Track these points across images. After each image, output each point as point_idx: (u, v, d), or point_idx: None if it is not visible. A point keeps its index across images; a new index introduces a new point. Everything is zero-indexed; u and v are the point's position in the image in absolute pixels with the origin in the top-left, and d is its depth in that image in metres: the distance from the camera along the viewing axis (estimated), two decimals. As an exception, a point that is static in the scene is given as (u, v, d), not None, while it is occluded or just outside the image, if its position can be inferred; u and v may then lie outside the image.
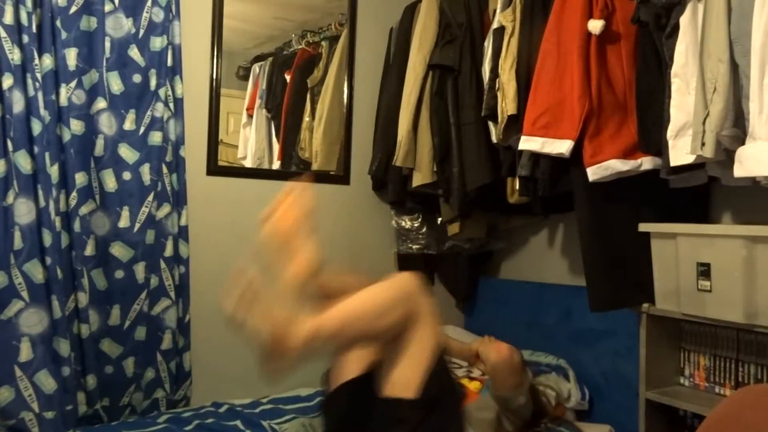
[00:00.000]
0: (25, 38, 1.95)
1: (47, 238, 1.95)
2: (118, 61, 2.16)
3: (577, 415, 2.26)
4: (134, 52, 2.18)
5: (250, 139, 2.66)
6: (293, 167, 2.74)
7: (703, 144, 1.51)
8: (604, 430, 2.13)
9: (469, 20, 2.41)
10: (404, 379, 1.43)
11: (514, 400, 1.96)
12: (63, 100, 2.03)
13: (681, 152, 1.62)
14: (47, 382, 1.94)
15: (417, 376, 1.42)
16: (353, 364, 1.57)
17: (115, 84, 2.15)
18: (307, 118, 2.77)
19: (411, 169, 2.54)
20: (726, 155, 1.57)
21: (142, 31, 2.19)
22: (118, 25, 2.15)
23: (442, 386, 1.46)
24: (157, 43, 2.21)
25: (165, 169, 2.22)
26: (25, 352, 1.92)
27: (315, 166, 2.75)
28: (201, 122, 2.46)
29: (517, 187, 2.18)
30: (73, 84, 2.06)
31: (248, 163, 2.65)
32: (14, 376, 1.91)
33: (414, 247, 2.79)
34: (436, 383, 1.44)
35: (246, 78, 2.66)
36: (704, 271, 1.72)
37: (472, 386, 2.20)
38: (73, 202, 2.04)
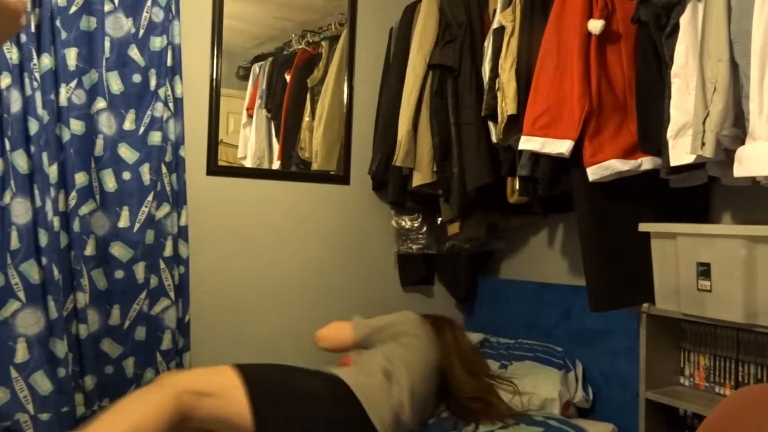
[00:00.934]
0: (23, 38, 1.95)
1: (43, 238, 1.95)
2: (118, 61, 2.15)
3: (579, 414, 2.26)
4: (134, 52, 2.18)
5: (250, 139, 2.66)
6: (293, 167, 2.74)
7: (703, 144, 1.51)
8: (608, 428, 2.13)
9: (469, 20, 2.41)
10: None
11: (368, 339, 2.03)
12: (63, 100, 2.03)
13: (681, 152, 1.62)
14: (43, 383, 1.93)
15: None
16: None
17: (115, 84, 2.15)
18: (307, 118, 2.77)
19: (411, 169, 2.54)
20: (726, 155, 1.56)
21: (141, 31, 2.19)
22: (118, 25, 2.15)
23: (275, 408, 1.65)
24: (156, 43, 2.21)
25: (165, 169, 2.22)
26: (21, 353, 1.92)
27: (315, 166, 2.75)
28: (201, 122, 2.46)
29: (517, 187, 2.17)
30: (73, 84, 2.06)
31: (248, 163, 2.65)
32: (10, 377, 1.90)
33: (414, 247, 2.79)
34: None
35: (246, 78, 2.66)
36: (704, 271, 1.71)
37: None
38: (72, 202, 2.04)
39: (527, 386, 2.20)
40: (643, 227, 1.89)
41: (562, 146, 1.87)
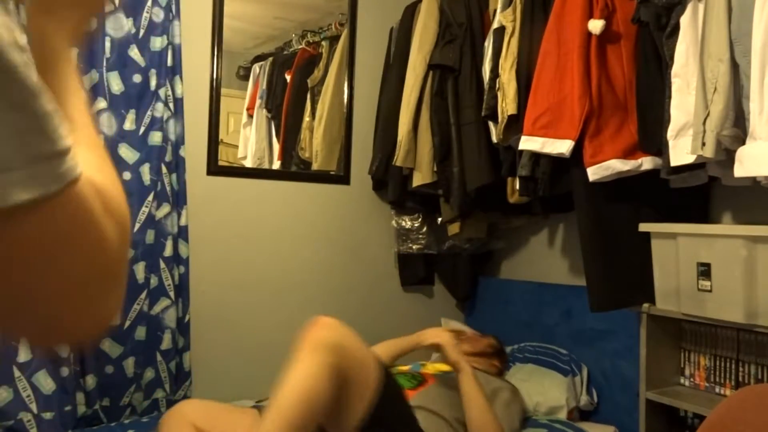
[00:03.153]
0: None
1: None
2: (118, 61, 2.15)
3: (581, 415, 2.26)
4: (134, 52, 2.18)
5: (250, 139, 2.66)
6: (293, 167, 2.74)
7: (703, 144, 1.51)
8: (609, 430, 2.13)
9: (470, 20, 2.41)
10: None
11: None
12: (63, 100, 2.02)
13: (681, 152, 1.62)
14: (46, 382, 1.94)
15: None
16: None
17: (115, 84, 2.15)
18: (307, 118, 2.77)
19: (411, 169, 2.54)
20: (726, 155, 1.56)
21: (142, 31, 2.19)
22: (118, 25, 2.15)
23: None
24: (157, 43, 2.21)
25: (165, 169, 2.22)
26: (24, 353, 1.92)
27: (315, 166, 2.75)
28: (201, 122, 2.46)
29: (517, 187, 2.18)
30: (73, 84, 2.06)
31: (248, 163, 2.65)
32: (12, 377, 1.90)
33: (414, 247, 2.79)
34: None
35: (246, 78, 2.66)
36: (704, 271, 1.71)
37: (431, 369, 2.14)
38: (72, 202, 2.03)
39: (532, 392, 2.18)
40: (643, 227, 1.89)
41: (562, 146, 1.87)
